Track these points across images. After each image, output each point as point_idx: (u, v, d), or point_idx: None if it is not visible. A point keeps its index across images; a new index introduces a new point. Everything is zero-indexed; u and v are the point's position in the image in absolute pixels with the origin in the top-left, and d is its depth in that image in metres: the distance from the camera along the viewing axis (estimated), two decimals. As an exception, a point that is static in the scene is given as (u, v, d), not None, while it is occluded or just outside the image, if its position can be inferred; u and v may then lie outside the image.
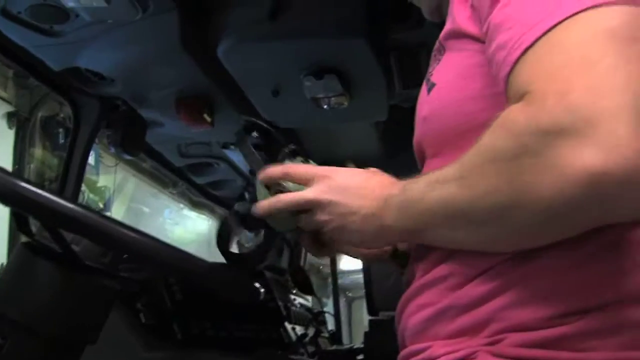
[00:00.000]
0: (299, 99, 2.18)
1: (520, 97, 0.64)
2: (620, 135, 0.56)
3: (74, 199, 2.25)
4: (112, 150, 2.27)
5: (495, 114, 0.67)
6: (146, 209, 6.10)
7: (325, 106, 2.23)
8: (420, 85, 0.92)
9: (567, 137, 0.58)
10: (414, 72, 2.06)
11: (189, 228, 6.55)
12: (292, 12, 1.84)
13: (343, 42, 1.91)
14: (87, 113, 2.28)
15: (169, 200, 6.07)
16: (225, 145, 2.75)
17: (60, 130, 5.67)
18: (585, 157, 0.57)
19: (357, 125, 2.75)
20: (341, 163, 2.90)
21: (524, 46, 0.66)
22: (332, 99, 2.19)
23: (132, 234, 0.90)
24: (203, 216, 6.51)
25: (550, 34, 0.64)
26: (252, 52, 1.96)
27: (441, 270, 0.84)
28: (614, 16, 0.62)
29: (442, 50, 0.89)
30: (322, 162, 2.93)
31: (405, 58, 2.05)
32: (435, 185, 0.74)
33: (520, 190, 0.63)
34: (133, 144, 2.32)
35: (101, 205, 5.39)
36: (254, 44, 1.92)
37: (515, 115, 0.64)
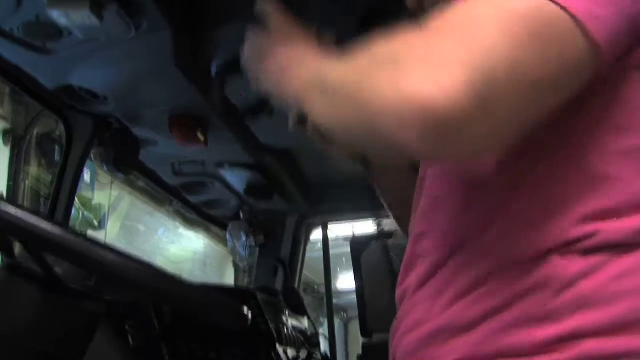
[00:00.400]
0: (293, 118, 2.16)
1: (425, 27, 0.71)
2: (456, 81, 0.62)
3: (65, 219, 2.23)
4: (105, 168, 2.26)
5: None
6: (142, 227, 6.09)
7: (318, 123, 2.21)
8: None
9: (422, 65, 0.65)
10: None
11: (185, 247, 6.54)
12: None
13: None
14: (80, 131, 2.27)
15: (165, 219, 6.06)
16: (219, 164, 2.73)
17: (56, 147, 5.67)
18: (419, 84, 0.63)
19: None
20: (338, 184, 2.89)
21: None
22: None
23: (116, 257, 0.88)
24: (199, 235, 6.50)
25: None
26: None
27: (433, 284, 0.83)
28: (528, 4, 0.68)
29: None
30: (318, 184, 2.90)
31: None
32: (339, 61, 0.79)
33: (367, 86, 0.69)
34: (126, 162, 2.30)
35: (96, 223, 5.39)
36: (248, 62, 1.91)
37: (405, 35, 0.70)
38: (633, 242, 0.72)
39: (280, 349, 2.03)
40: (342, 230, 5.61)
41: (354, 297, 3.02)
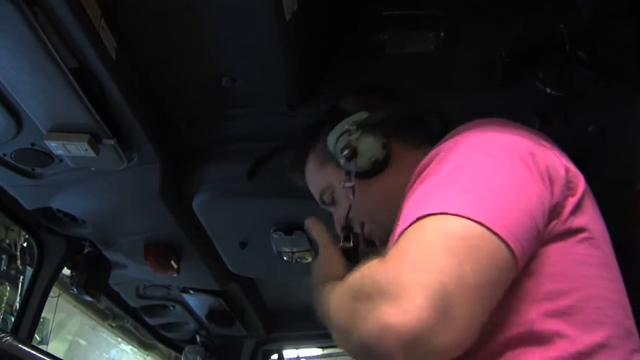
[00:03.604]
0: (264, 251, 2.24)
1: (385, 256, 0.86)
2: (417, 305, 0.75)
3: (29, 337, 2.21)
4: (75, 291, 2.26)
5: None
6: (93, 348, 5.90)
7: (285, 258, 2.28)
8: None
9: (386, 296, 0.78)
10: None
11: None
12: (269, 173, 1.92)
13: (316, 203, 1.98)
14: (52, 252, 2.28)
15: (108, 334, 5.89)
16: (184, 290, 2.76)
17: (4, 256, 5.53)
18: (390, 315, 0.76)
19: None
20: (296, 312, 2.90)
21: (408, 223, 0.88)
22: (296, 253, 2.25)
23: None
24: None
25: (412, 225, 0.87)
26: (226, 207, 2.03)
27: None
28: (451, 224, 0.84)
29: None
30: (277, 312, 2.90)
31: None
32: (330, 293, 1.00)
33: (351, 323, 0.84)
34: (96, 286, 2.31)
35: (38, 339, 5.19)
36: (229, 199, 1.99)
37: (371, 265, 0.86)
38: None
39: None
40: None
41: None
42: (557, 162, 0.98)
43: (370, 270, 0.86)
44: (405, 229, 0.87)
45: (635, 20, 1.58)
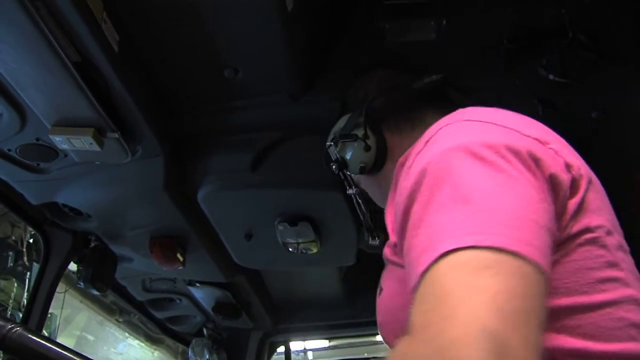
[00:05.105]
0: (269, 242, 2.25)
1: (410, 329, 0.72)
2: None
3: (38, 330, 2.22)
4: (81, 285, 2.27)
5: None
6: (100, 343, 5.94)
7: (291, 249, 2.29)
8: (387, 233, 1.04)
9: None
10: (383, 223, 2.16)
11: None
12: (273, 164, 1.94)
13: (321, 194, 2.00)
14: (58, 246, 2.29)
15: (122, 333, 5.92)
16: (190, 283, 2.77)
17: (10, 253, 5.57)
18: None
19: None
20: (302, 304, 2.91)
21: (414, 282, 0.76)
22: (301, 244, 2.26)
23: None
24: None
25: (428, 273, 0.73)
26: (230, 199, 2.03)
27: None
28: (473, 258, 0.72)
29: (387, 261, 1.03)
30: (283, 304, 2.91)
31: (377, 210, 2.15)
32: None
33: None
34: (103, 280, 2.32)
35: (46, 334, 5.22)
36: (233, 191, 2.00)
37: (401, 347, 0.70)
38: None
39: None
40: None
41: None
42: (558, 161, 0.87)
43: (403, 353, 0.71)
44: (417, 282, 0.75)
45: (634, 1, 1.58)
